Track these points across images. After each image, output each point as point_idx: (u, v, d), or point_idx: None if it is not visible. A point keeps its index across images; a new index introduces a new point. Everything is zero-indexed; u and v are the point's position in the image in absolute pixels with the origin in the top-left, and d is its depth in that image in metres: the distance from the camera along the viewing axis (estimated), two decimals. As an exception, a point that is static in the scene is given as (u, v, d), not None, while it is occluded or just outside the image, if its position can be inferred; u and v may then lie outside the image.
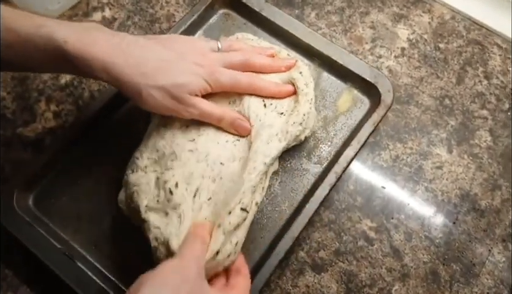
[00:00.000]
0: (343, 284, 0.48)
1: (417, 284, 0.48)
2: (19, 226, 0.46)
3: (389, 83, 0.52)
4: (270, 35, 0.57)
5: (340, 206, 0.51)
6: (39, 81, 0.57)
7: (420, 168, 0.53)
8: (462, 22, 0.62)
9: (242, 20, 0.58)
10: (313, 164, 0.50)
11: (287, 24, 0.55)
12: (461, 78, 0.58)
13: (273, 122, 0.46)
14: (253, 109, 0.45)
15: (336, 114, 0.53)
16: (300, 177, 0.50)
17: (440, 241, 0.50)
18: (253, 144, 0.44)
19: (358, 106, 0.53)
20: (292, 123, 0.46)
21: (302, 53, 0.55)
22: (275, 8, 0.56)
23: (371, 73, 0.53)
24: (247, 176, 0.42)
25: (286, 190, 0.49)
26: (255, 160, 0.43)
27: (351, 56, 0.54)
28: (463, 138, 0.55)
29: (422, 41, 0.60)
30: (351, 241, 0.50)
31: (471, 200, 0.52)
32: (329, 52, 0.54)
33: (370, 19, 0.62)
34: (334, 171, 0.48)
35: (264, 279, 0.44)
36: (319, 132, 0.52)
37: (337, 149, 0.51)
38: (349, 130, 0.52)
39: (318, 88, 0.54)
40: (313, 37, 0.55)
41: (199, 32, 0.57)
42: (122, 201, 0.45)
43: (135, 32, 0.60)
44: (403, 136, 0.55)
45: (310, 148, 0.51)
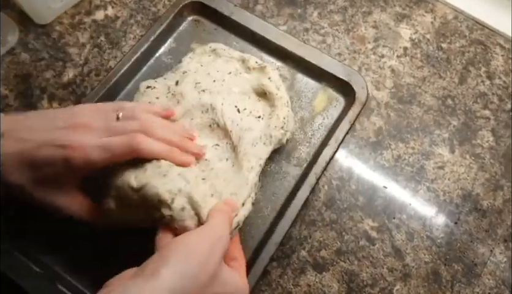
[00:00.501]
0: (344, 284, 0.48)
1: (419, 284, 0.48)
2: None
3: (362, 80, 0.52)
4: (242, 39, 0.56)
5: (342, 206, 0.51)
6: (41, 78, 0.57)
7: (422, 168, 0.53)
8: (464, 22, 0.62)
9: (212, 26, 0.57)
10: (292, 166, 0.50)
11: (258, 28, 0.55)
12: (463, 78, 0.58)
13: (252, 126, 0.46)
14: (227, 116, 0.45)
15: (312, 114, 0.53)
16: (280, 180, 0.50)
17: (441, 241, 0.50)
18: (239, 147, 0.44)
19: (334, 105, 0.53)
20: (274, 127, 0.46)
21: (275, 55, 0.55)
22: (245, 12, 0.56)
23: (344, 71, 0.53)
24: (248, 173, 0.43)
25: (267, 195, 0.49)
26: (249, 160, 0.44)
27: (324, 55, 0.54)
28: (466, 138, 0.55)
29: (424, 41, 0.60)
30: (352, 240, 0.50)
31: (473, 200, 0.52)
32: (302, 53, 0.54)
33: (372, 19, 0.62)
34: (313, 172, 0.48)
35: (250, 287, 0.43)
36: (297, 134, 0.52)
37: (316, 149, 0.51)
38: (326, 129, 0.52)
39: (293, 89, 0.54)
40: (285, 39, 0.54)
41: (169, 40, 0.56)
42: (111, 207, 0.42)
43: (137, 31, 0.60)
44: (406, 136, 0.54)
45: (289, 150, 0.51)
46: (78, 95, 0.56)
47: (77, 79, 0.57)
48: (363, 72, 0.58)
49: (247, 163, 0.44)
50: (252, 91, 0.49)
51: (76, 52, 0.59)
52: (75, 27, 0.60)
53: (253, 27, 0.55)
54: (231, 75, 0.49)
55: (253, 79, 0.49)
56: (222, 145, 0.45)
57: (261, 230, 0.47)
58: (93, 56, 0.59)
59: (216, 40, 0.55)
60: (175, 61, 0.55)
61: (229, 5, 0.56)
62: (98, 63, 0.58)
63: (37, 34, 0.60)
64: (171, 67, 0.53)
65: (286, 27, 0.61)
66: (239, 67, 0.50)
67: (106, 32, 0.60)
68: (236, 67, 0.50)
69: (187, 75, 0.48)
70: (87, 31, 0.60)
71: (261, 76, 0.49)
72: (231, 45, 0.56)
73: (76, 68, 0.58)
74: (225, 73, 0.49)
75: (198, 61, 0.51)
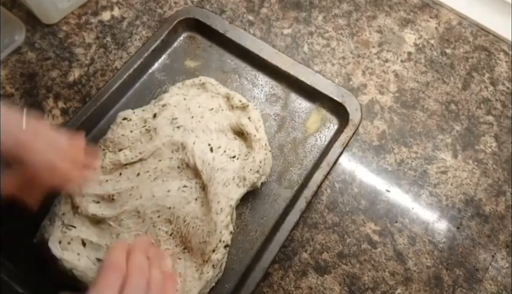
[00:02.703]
0: (346, 286, 0.48)
1: (420, 288, 0.48)
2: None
3: (356, 102, 0.51)
4: (236, 57, 0.55)
5: (344, 209, 0.51)
6: (47, 78, 0.58)
7: (425, 172, 0.53)
8: (469, 28, 0.62)
9: (207, 42, 0.57)
10: (284, 188, 0.49)
11: (253, 46, 0.54)
12: (467, 84, 0.58)
13: (225, 166, 0.45)
14: (198, 155, 0.45)
15: (305, 135, 0.52)
16: (271, 203, 0.49)
17: (443, 245, 0.50)
18: (210, 188, 0.44)
19: (327, 126, 0.52)
20: (249, 170, 0.46)
21: (269, 74, 0.54)
22: (240, 30, 0.55)
23: (338, 92, 0.52)
24: (216, 216, 0.43)
25: (256, 218, 0.48)
26: (219, 201, 0.43)
27: (318, 75, 0.53)
28: (469, 143, 0.55)
29: (428, 46, 0.61)
30: (354, 243, 0.50)
31: (476, 205, 0.52)
32: (296, 73, 0.53)
33: (377, 23, 0.62)
34: (304, 196, 0.47)
35: (251, 289, 0.43)
36: (289, 155, 0.51)
37: (307, 172, 0.50)
38: (319, 151, 0.51)
39: (286, 109, 0.53)
40: (279, 58, 0.54)
41: (163, 56, 0.56)
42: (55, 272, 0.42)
43: (143, 32, 0.61)
44: (409, 140, 0.55)
45: (281, 172, 0.50)
46: (83, 94, 0.57)
47: (83, 79, 0.58)
48: (367, 76, 0.58)
49: (216, 204, 0.43)
50: (229, 129, 0.48)
51: (82, 52, 0.59)
52: (81, 28, 0.61)
53: (248, 45, 0.54)
54: (212, 112, 0.48)
55: (234, 117, 0.48)
56: (191, 185, 0.45)
57: (249, 255, 0.46)
58: (99, 56, 0.59)
59: (210, 57, 0.55)
60: (168, 78, 0.54)
61: (224, 23, 0.55)
62: (104, 63, 0.59)
63: (43, 34, 0.60)
64: (164, 84, 0.53)
65: (291, 30, 0.61)
66: (223, 104, 0.50)
67: (112, 33, 0.61)
68: (219, 103, 0.49)
69: (166, 108, 0.48)
70: (94, 31, 0.60)
71: (242, 115, 0.48)
72: (226, 62, 0.55)
73: (82, 68, 0.58)
74: (207, 109, 0.48)
75: (185, 93, 0.50)
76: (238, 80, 0.54)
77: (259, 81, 0.54)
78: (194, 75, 0.54)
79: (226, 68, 0.55)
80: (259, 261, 0.45)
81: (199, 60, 0.55)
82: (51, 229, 0.42)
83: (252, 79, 0.54)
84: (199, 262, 0.42)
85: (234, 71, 0.55)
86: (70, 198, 0.43)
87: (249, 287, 0.44)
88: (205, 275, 0.42)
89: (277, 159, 0.50)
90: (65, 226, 0.42)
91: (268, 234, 0.47)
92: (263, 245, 0.46)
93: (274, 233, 0.46)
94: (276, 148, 0.51)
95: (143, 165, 0.45)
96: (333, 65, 0.59)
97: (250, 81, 0.54)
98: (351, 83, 0.58)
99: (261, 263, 0.45)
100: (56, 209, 0.43)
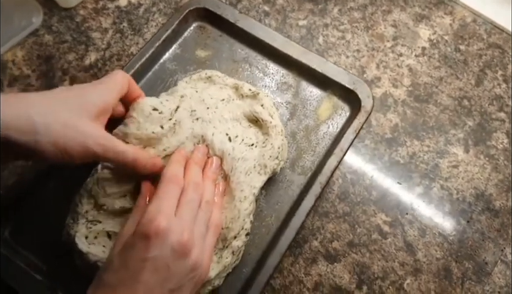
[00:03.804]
0: (355, 275, 0.48)
1: (429, 279, 0.48)
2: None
3: (368, 89, 0.51)
4: (247, 46, 0.55)
5: (356, 199, 0.52)
6: (64, 60, 0.58)
7: (436, 166, 0.53)
8: (483, 26, 0.63)
9: (217, 32, 0.57)
10: (297, 175, 0.49)
11: (263, 35, 0.54)
12: (480, 80, 0.59)
13: (245, 155, 0.45)
14: (218, 147, 0.44)
15: (317, 122, 0.52)
16: (285, 189, 0.49)
17: (453, 238, 0.50)
18: (232, 177, 0.44)
19: (339, 113, 0.52)
20: (268, 157, 0.46)
21: (280, 63, 0.55)
22: (251, 19, 0.55)
23: (349, 79, 0.52)
24: (240, 204, 0.43)
25: (271, 204, 0.48)
26: (242, 189, 0.43)
27: (329, 63, 0.53)
28: (480, 138, 0.55)
29: (443, 42, 0.61)
30: (365, 233, 0.50)
31: (486, 200, 0.52)
32: (307, 61, 0.53)
33: (392, 18, 0.62)
34: (318, 182, 0.47)
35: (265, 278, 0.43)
36: (301, 142, 0.51)
37: (320, 158, 0.50)
38: (331, 138, 0.51)
39: (298, 97, 0.53)
40: (290, 46, 0.54)
41: (174, 46, 0.56)
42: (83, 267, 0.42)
43: (159, 18, 0.61)
44: (421, 134, 0.55)
45: (294, 159, 0.50)
46: (99, 78, 0.57)
47: (99, 62, 0.58)
48: (381, 70, 0.59)
49: (239, 192, 0.43)
50: (243, 118, 0.48)
51: (99, 36, 0.60)
52: (98, 12, 0.61)
53: (258, 34, 0.54)
54: (224, 102, 0.48)
55: (246, 105, 0.48)
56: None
57: (265, 240, 0.47)
58: (115, 41, 0.59)
59: (221, 46, 0.55)
60: (179, 68, 0.55)
61: (235, 12, 0.55)
62: (120, 48, 0.59)
63: (60, 17, 0.61)
64: (175, 74, 0.54)
65: (306, 22, 0.61)
66: (232, 94, 0.50)
67: (129, 19, 0.61)
68: (229, 94, 0.49)
69: (184, 100, 0.47)
70: (110, 17, 0.61)
71: (253, 103, 0.48)
72: (236, 51, 0.55)
73: (98, 52, 0.59)
74: (218, 100, 0.48)
75: (193, 86, 0.50)
76: (249, 69, 0.54)
77: (270, 69, 0.54)
78: (205, 64, 0.54)
79: (236, 57, 0.55)
80: (275, 246, 0.45)
81: (210, 50, 0.55)
82: (75, 227, 0.42)
83: (263, 68, 0.54)
84: (220, 247, 0.42)
85: (245, 61, 0.55)
86: (93, 198, 0.42)
87: (267, 272, 0.44)
88: (224, 259, 0.42)
89: (290, 146, 0.50)
90: (89, 222, 0.42)
91: (283, 219, 0.48)
92: (279, 230, 0.47)
93: (289, 218, 0.46)
94: (289, 135, 0.51)
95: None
96: (347, 57, 0.59)
97: (260, 70, 0.54)
98: (365, 76, 0.58)
99: (278, 248, 0.45)
100: (77, 209, 0.42)
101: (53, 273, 0.45)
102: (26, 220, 0.47)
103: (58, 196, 0.47)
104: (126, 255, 0.35)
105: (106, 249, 0.41)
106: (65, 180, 0.48)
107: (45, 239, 0.46)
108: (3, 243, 0.45)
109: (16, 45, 0.59)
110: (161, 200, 0.37)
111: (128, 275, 0.34)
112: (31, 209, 0.47)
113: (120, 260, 0.35)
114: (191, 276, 0.37)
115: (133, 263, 0.34)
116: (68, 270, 0.44)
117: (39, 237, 0.46)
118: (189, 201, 0.38)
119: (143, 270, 0.34)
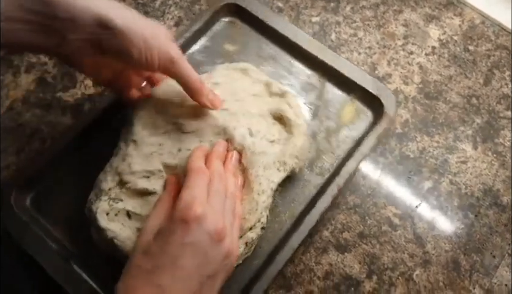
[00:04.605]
0: (365, 265, 0.49)
1: (438, 271, 0.49)
2: (15, 224, 0.45)
3: (392, 97, 0.52)
4: (274, 44, 0.56)
5: (366, 192, 0.53)
6: (81, 49, 0.59)
7: (445, 161, 0.54)
8: (491, 28, 0.64)
9: (246, 28, 0.58)
10: (315, 175, 0.50)
11: (291, 34, 0.55)
12: (488, 80, 0.60)
13: (266, 150, 0.45)
14: (238, 141, 0.45)
15: (339, 125, 0.53)
16: (301, 188, 0.49)
17: (461, 231, 0.51)
18: (251, 171, 0.44)
19: (361, 118, 0.53)
20: (288, 155, 0.46)
21: (306, 63, 0.55)
22: (279, 17, 0.57)
23: (374, 85, 0.52)
24: (258, 197, 0.44)
25: (287, 201, 0.49)
26: (260, 183, 0.44)
27: (355, 67, 0.54)
28: (488, 136, 0.56)
29: (452, 42, 0.62)
30: (375, 225, 0.51)
31: (494, 195, 0.53)
32: (333, 63, 0.53)
33: (403, 17, 0.64)
34: (336, 183, 0.47)
35: (262, 290, 0.44)
36: (321, 143, 0.52)
37: (340, 161, 0.51)
38: (352, 142, 0.52)
39: (321, 98, 0.54)
40: (318, 47, 0.54)
41: (203, 39, 0.57)
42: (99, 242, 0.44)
43: (175, 12, 0.62)
44: (431, 130, 0.56)
45: (313, 159, 0.51)
46: (115, 67, 0.58)
47: (115, 52, 0.59)
48: (392, 67, 0.60)
49: (257, 185, 0.44)
50: (269, 114, 0.48)
51: (115, 27, 0.61)
52: (115, 4, 0.62)
53: (287, 33, 0.55)
54: (254, 97, 0.49)
55: (273, 103, 0.49)
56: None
57: (278, 235, 0.47)
58: (131, 32, 0.60)
59: (249, 42, 0.57)
60: (208, 60, 0.56)
61: (265, 9, 0.57)
62: (136, 39, 0.60)
63: (78, 7, 0.61)
64: (202, 65, 0.54)
65: (319, 19, 0.63)
66: (263, 90, 0.50)
67: (145, 11, 0.62)
68: (260, 90, 0.50)
69: (218, 87, 0.48)
70: (127, 8, 0.62)
71: (281, 101, 0.49)
72: (263, 48, 0.56)
73: (115, 42, 0.60)
74: (249, 94, 0.49)
75: (229, 75, 0.51)
76: (274, 66, 0.55)
77: (295, 69, 0.55)
78: (232, 58, 0.55)
79: (263, 53, 0.56)
80: (287, 242, 0.45)
81: (238, 44, 0.56)
82: (98, 203, 0.43)
83: (288, 67, 0.55)
84: None
85: (271, 57, 0.56)
86: (118, 175, 0.43)
87: (277, 265, 0.45)
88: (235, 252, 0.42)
89: (309, 146, 0.51)
90: (112, 199, 0.43)
91: (297, 217, 0.48)
92: (292, 227, 0.47)
93: (303, 216, 0.47)
94: (309, 135, 0.51)
95: (183, 141, 0.45)
96: (359, 54, 0.60)
97: (285, 68, 0.55)
98: (377, 72, 0.59)
99: (290, 244, 0.45)
100: (102, 185, 0.43)
101: (68, 244, 0.46)
102: (47, 192, 0.49)
103: (81, 171, 0.49)
104: (164, 240, 0.36)
105: (124, 228, 0.42)
106: (88, 156, 0.50)
107: (64, 211, 0.48)
108: (23, 210, 0.47)
109: (34, 33, 0.59)
110: (193, 189, 0.38)
111: (167, 260, 0.35)
112: (54, 182, 0.49)
113: (158, 246, 0.35)
114: (225, 263, 0.37)
115: (172, 248, 0.35)
116: (82, 243, 0.46)
117: (58, 209, 0.48)
118: (217, 190, 0.39)
119: (182, 255, 0.35)
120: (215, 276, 0.37)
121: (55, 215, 0.47)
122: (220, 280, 0.38)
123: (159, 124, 0.45)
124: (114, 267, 0.40)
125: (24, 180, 0.48)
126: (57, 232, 0.47)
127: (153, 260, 0.35)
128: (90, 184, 0.45)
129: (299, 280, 0.48)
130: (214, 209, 0.37)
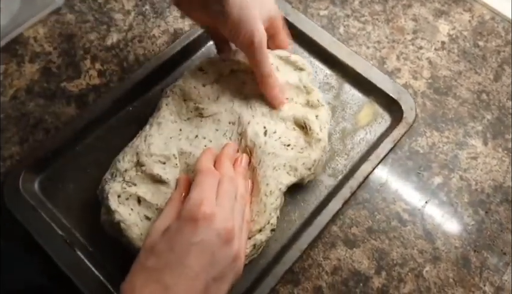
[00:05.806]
0: (374, 261, 0.48)
1: (448, 267, 0.48)
2: (22, 208, 0.45)
3: (412, 101, 0.51)
4: (294, 41, 0.55)
5: (375, 187, 0.52)
6: (86, 39, 0.58)
7: (455, 157, 0.54)
8: (501, 24, 0.63)
9: None
10: (327, 176, 0.49)
11: (312, 32, 0.54)
12: (498, 76, 0.59)
13: (277, 152, 0.44)
14: (250, 138, 0.44)
15: (355, 127, 0.52)
16: (313, 187, 0.48)
17: (471, 228, 0.50)
18: (259, 170, 0.43)
19: (379, 121, 0.52)
20: (302, 163, 0.45)
21: (325, 62, 0.54)
22: (301, 15, 0.56)
23: (394, 88, 0.51)
24: (266, 198, 0.43)
25: (296, 201, 0.48)
26: (268, 183, 0.43)
27: (375, 69, 0.53)
28: (499, 132, 0.56)
29: (462, 38, 0.62)
30: (384, 220, 0.50)
31: (504, 192, 0.52)
32: (353, 64, 0.53)
33: (412, 12, 0.63)
34: (349, 186, 0.46)
35: (269, 289, 0.43)
36: (336, 144, 0.51)
37: (354, 163, 0.50)
38: (367, 145, 0.51)
39: (338, 99, 0.53)
40: (338, 47, 0.53)
41: None
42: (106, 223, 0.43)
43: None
44: (441, 125, 0.55)
45: (326, 160, 0.49)
46: (121, 58, 0.57)
47: (121, 43, 0.58)
48: (401, 61, 0.59)
49: (265, 186, 0.43)
50: (291, 120, 0.47)
51: (121, 18, 0.60)
52: (121, -6, 0.61)
53: (307, 31, 0.55)
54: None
55: (302, 110, 0.47)
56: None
57: (286, 235, 0.46)
58: (137, 23, 0.60)
59: None
60: None
61: (287, 6, 0.56)
62: (142, 30, 0.59)
63: (83, -3, 0.61)
64: None
65: (327, 12, 0.62)
66: (300, 95, 0.49)
67: (151, 2, 0.61)
68: (297, 93, 0.48)
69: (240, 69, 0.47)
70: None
71: (310, 111, 0.47)
72: None
73: (120, 33, 0.59)
74: None
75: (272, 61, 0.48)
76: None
77: (314, 67, 0.54)
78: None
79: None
80: (296, 242, 0.45)
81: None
82: (111, 183, 0.42)
83: None
84: None
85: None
86: (136, 155, 0.43)
87: (285, 264, 0.44)
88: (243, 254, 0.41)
89: (324, 164, 0.49)
90: (126, 182, 0.42)
91: (308, 217, 0.47)
92: (302, 227, 0.46)
93: (314, 217, 0.46)
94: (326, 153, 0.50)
95: (201, 127, 0.45)
96: (368, 48, 0.60)
97: None
98: (386, 67, 0.59)
99: (298, 244, 0.45)
100: (118, 165, 0.43)
101: (74, 229, 0.46)
102: (56, 176, 0.48)
103: (90, 159, 0.49)
104: (172, 238, 0.35)
105: (132, 213, 0.41)
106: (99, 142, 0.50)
107: (72, 197, 0.47)
108: (31, 194, 0.46)
109: (38, 22, 0.59)
110: (202, 188, 0.37)
111: (174, 258, 0.34)
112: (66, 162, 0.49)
113: (165, 244, 0.35)
114: (232, 266, 0.37)
115: (180, 246, 0.34)
116: (89, 228, 0.46)
117: (66, 194, 0.48)
118: (226, 191, 0.38)
119: (190, 253, 0.34)
120: (222, 279, 0.36)
121: (62, 201, 0.47)
122: (227, 284, 0.37)
123: (184, 111, 0.46)
124: (121, 255, 0.39)
125: (34, 162, 0.47)
126: (63, 217, 0.46)
127: (159, 258, 0.35)
128: (99, 171, 0.45)
129: (307, 275, 0.47)
130: (223, 209, 0.37)
